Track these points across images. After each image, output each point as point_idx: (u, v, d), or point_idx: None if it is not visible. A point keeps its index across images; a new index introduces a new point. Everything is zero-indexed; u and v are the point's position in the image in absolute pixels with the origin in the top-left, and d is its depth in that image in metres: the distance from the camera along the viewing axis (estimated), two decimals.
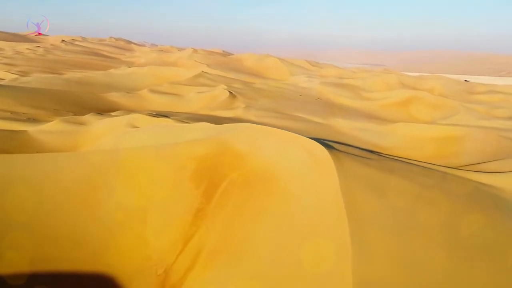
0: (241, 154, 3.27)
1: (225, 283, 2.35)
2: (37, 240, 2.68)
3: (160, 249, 2.73)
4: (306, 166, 2.96)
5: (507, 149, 6.35)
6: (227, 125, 4.07)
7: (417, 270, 2.05)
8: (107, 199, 3.01)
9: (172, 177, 3.19)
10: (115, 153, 3.40)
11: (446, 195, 3.33)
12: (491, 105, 12.60)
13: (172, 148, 3.50)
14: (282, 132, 3.46)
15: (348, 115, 9.30)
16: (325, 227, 2.35)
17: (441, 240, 2.46)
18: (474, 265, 2.32)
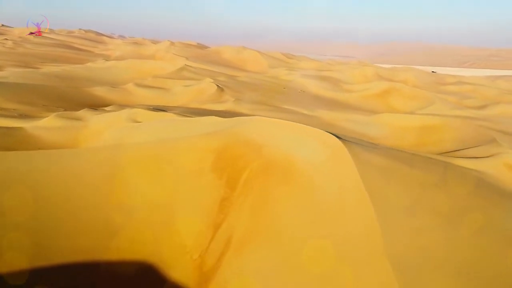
0: (258, 145, 3.46)
1: (261, 265, 2.56)
2: (71, 233, 2.77)
3: (191, 237, 2.90)
4: (322, 155, 3.20)
5: (482, 137, 6.87)
6: (237, 119, 4.25)
7: (435, 246, 2.35)
8: (135, 193, 3.13)
9: (193, 169, 3.35)
10: (138, 147, 3.51)
11: (444, 179, 3.68)
12: (461, 96, 13.37)
13: (190, 141, 3.64)
14: (295, 124, 3.68)
15: (333, 107, 9.66)
16: (351, 209, 2.60)
17: (448, 218, 2.78)
18: (476, 234, 2.65)
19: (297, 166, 3.15)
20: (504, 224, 2.97)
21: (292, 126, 3.66)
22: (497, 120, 9.60)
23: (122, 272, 2.60)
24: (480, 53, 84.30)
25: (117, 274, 2.61)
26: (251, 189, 3.11)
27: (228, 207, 3.05)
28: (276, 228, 2.73)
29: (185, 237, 2.90)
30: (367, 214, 2.49)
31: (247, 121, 3.93)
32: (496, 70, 46.20)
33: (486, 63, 59.58)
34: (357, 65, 19.13)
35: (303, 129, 3.59)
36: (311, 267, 2.39)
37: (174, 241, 2.87)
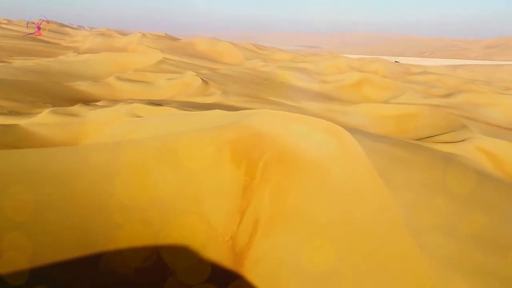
0: (269, 137, 3.75)
1: (288, 244, 2.88)
2: (108, 219, 2.96)
3: (220, 222, 3.16)
4: (331, 144, 3.55)
5: (453, 123, 7.53)
6: (242, 112, 4.50)
7: (442, 217, 2.76)
8: (163, 182, 3.34)
9: (212, 160, 3.59)
10: (160, 141, 3.70)
11: (432, 161, 4.16)
12: (428, 85, 14.24)
13: (205, 134, 3.87)
14: (301, 116, 4.00)
15: (313, 98, 10.07)
16: (365, 190, 2.97)
17: (444, 192, 3.22)
18: (472, 206, 3.11)
19: (309, 154, 3.48)
20: (487, 196, 3.47)
21: (299, 118, 3.98)
22: (462, 107, 10.41)
23: (163, 255, 2.83)
24: (437, 43, 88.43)
25: (156, 256, 2.83)
26: (269, 177, 3.40)
27: (250, 193, 3.33)
28: (299, 211, 3.06)
29: (215, 222, 3.16)
30: (381, 193, 2.87)
31: (254, 114, 4.20)
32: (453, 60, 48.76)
33: (444, 53, 62.76)
34: (329, 56, 19.71)
35: (309, 120, 3.92)
36: (335, 243, 2.74)
37: (205, 226, 3.12)
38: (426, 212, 2.80)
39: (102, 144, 3.85)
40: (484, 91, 13.41)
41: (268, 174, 3.42)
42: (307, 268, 2.63)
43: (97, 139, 5.08)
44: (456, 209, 2.92)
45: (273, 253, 2.86)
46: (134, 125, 5.02)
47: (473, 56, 56.62)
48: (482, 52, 60.59)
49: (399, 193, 2.93)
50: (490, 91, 13.58)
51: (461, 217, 2.80)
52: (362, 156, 3.29)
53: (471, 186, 3.55)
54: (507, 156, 5.69)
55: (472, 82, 15.68)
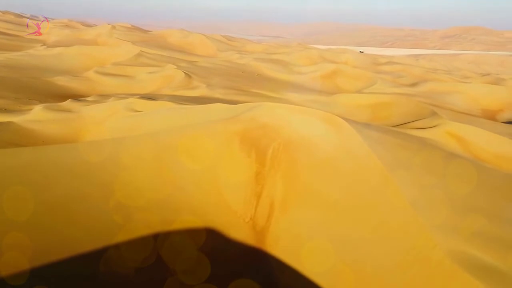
0: (274, 127, 4.10)
1: (303, 221, 3.27)
2: (130, 206, 3.21)
3: (239, 206, 3.49)
4: (331, 131, 3.95)
5: (424, 111, 8.21)
6: (243, 105, 4.80)
7: (432, 190, 3.25)
8: (181, 172, 3.61)
9: (224, 150, 3.89)
10: (173, 134, 3.95)
11: (414, 144, 4.70)
12: (394, 75, 15.07)
13: (213, 126, 4.15)
14: (300, 108, 4.37)
15: (292, 89, 10.50)
16: (367, 169, 3.40)
17: (430, 170, 3.73)
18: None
19: (312, 142, 3.87)
20: (465, 173, 4.03)
21: (298, 110, 4.35)
22: (428, 95, 11.23)
23: (192, 235, 3.13)
24: (397, 33, 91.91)
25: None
26: (278, 164, 3.76)
27: (263, 179, 3.67)
28: (309, 192, 3.45)
29: (234, 206, 3.48)
30: (380, 172, 3.32)
31: (256, 107, 4.53)
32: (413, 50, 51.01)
33: (404, 43, 65.48)
34: (300, 47, 20.22)
35: (308, 111, 4.30)
36: (345, 216, 3.16)
37: (225, 210, 3.44)
38: (419, 186, 3.28)
39: (117, 139, 4.04)
40: (445, 79, 14.41)
41: (277, 161, 3.78)
42: (322, 239, 3.03)
43: (99, 134, 5.21)
44: (443, 183, 3.43)
45: (291, 229, 3.23)
46: (135, 120, 5.20)
47: (431, 45, 59.57)
48: (439, 42, 63.88)
49: (394, 171, 3.40)
50: (450, 79, 14.61)
51: (448, 190, 3.31)
52: (360, 141, 3.72)
53: (451, 165, 4.11)
54: (472, 139, 6.37)
55: (434, 72, 16.75)
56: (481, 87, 12.43)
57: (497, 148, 6.17)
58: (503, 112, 11.28)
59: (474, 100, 11.69)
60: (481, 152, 6.05)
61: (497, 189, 3.72)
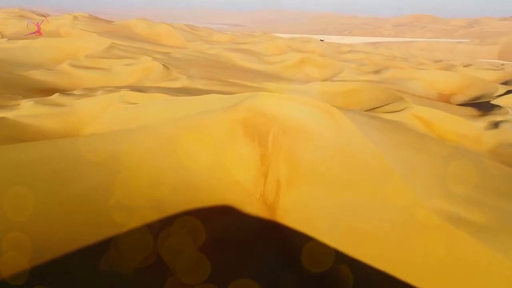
0: (272, 115, 4.55)
1: (309, 195, 3.77)
2: (148, 187, 3.55)
3: (249, 184, 3.92)
4: (324, 118, 4.46)
5: (391, 96, 8.99)
6: (238, 95, 5.18)
7: (414, 163, 3.87)
8: (192, 158, 3.98)
9: (229, 137, 4.28)
10: (180, 123, 4.28)
11: (391, 125, 5.35)
12: (358, 63, 15.95)
13: (216, 115, 4.53)
14: (294, 97, 4.84)
15: (268, 78, 10.95)
16: (358, 148, 3.95)
17: (409, 147, 4.37)
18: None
19: (308, 127, 4.37)
20: (433, 149, 4.72)
21: (291, 98, 4.83)
22: (391, 82, 12.13)
23: (207, 213, 3.54)
24: (353, 21, 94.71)
25: (206, 216, 3.50)
26: (279, 147, 4.22)
27: (268, 160, 4.12)
28: (310, 170, 3.95)
29: (245, 185, 3.91)
30: (371, 150, 3.88)
31: (252, 97, 4.94)
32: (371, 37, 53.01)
33: (361, 31, 67.79)
34: (267, 37, 20.65)
35: (301, 100, 4.79)
36: (345, 188, 3.69)
37: (238, 189, 3.85)
38: (403, 160, 3.89)
39: (129, 129, 4.31)
40: (403, 66, 15.47)
41: (278, 144, 4.24)
42: (327, 207, 3.55)
43: (99, 127, 5.41)
44: (421, 157, 4.07)
45: (298, 202, 3.72)
46: (134, 112, 5.44)
47: (386, 33, 62.19)
48: (393, 30, 66.88)
49: (381, 148, 3.98)
50: (408, 66, 15.70)
51: (426, 163, 3.95)
52: (350, 124, 4.27)
53: (425, 143, 4.78)
54: (435, 121, 7.19)
55: (392, 59, 17.85)
56: (436, 73, 13.54)
57: (456, 128, 7.02)
58: (456, 95, 12.43)
59: (431, 86, 12.76)
60: (443, 132, 6.86)
61: (465, 162, 4.43)
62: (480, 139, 6.78)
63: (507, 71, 18.59)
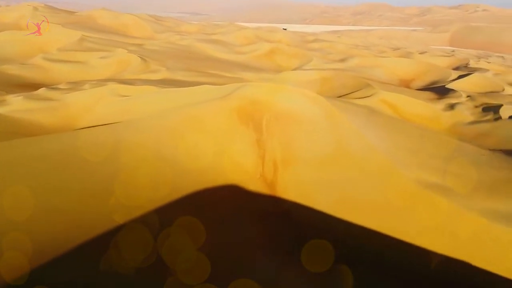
0: (263, 103, 4.99)
1: (304, 171, 4.29)
2: (157, 170, 3.93)
3: (249, 167, 4.37)
4: (312, 105, 4.98)
5: (359, 83, 9.70)
6: (229, 86, 5.56)
7: (392, 141, 4.49)
8: (196, 145, 4.36)
9: (227, 124, 4.69)
10: (182, 112, 4.63)
11: (364, 109, 5.98)
12: (324, 52, 16.66)
13: (212, 104, 4.90)
14: (283, 86, 5.30)
15: (242, 68, 11.34)
16: (343, 129, 4.51)
17: (384, 128, 4.99)
18: (406, 136, 4.94)
19: (298, 113, 4.87)
20: (404, 127, 5.40)
21: (280, 88, 5.29)
22: (356, 70, 12.90)
23: (215, 191, 3.97)
24: (313, 10, 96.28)
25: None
26: (273, 132, 4.69)
27: (263, 144, 4.58)
28: (303, 152, 4.46)
29: (246, 167, 4.36)
30: (354, 131, 4.46)
31: (242, 87, 5.35)
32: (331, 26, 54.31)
33: (321, 20, 69.21)
34: (234, 27, 20.85)
35: (286, 89, 5.27)
36: (336, 166, 4.25)
37: (239, 171, 4.29)
38: (380, 138, 4.50)
39: (131, 121, 4.60)
40: (366, 55, 16.37)
41: (271, 130, 4.72)
42: (322, 182, 4.09)
43: (93, 120, 5.62)
44: (395, 136, 4.71)
45: (295, 179, 4.23)
46: (127, 104, 5.69)
47: (345, 22, 63.93)
48: (352, 18, 68.86)
49: (362, 129, 4.58)
50: (371, 54, 16.62)
51: (400, 140, 4.59)
52: (333, 109, 4.83)
53: (395, 124, 5.44)
54: (400, 105, 7.95)
55: (355, 47, 18.75)
56: (396, 61, 14.50)
57: (419, 110, 7.82)
58: (415, 81, 13.44)
59: (392, 72, 13.69)
60: (408, 114, 7.63)
61: (430, 139, 5.14)
62: (439, 120, 7.63)
63: (458, 57, 20.10)
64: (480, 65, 16.98)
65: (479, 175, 4.10)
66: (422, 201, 3.48)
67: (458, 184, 3.80)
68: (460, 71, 14.59)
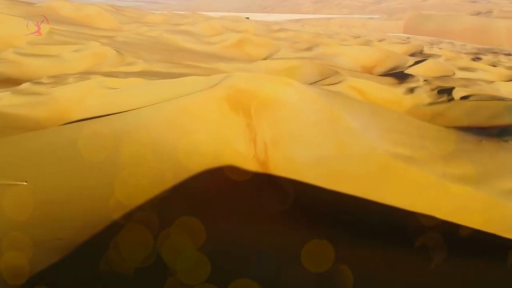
0: (249, 91, 5.47)
1: (292, 149, 4.85)
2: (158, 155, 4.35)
3: (243, 148, 4.86)
4: (292, 90, 5.52)
5: (327, 70, 10.40)
6: (214, 76, 5.97)
7: (360, 119, 5.15)
8: (194, 131, 4.79)
9: (219, 112, 5.14)
10: (178, 102, 5.02)
11: (337, 94, 6.63)
12: (290, 41, 17.26)
13: (203, 94, 5.32)
14: (262, 75, 5.80)
15: (215, 58, 11.68)
16: (323, 112, 5.11)
17: (355, 110, 5.66)
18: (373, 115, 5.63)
19: (282, 99, 5.40)
20: (374, 109, 6.10)
21: (263, 77, 5.80)
22: (322, 58, 13.62)
23: (213, 175, 4.45)
24: None
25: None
26: (261, 117, 5.20)
27: (254, 128, 5.08)
28: (291, 134, 5.02)
29: (239, 149, 4.85)
30: (333, 112, 5.07)
31: (228, 77, 5.79)
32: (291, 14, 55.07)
33: (282, 8, 69.90)
34: (200, 17, 20.91)
35: (268, 78, 5.79)
36: (320, 144, 4.84)
37: (234, 153, 4.78)
38: (357, 119, 5.15)
39: (130, 112, 4.94)
40: (330, 43, 17.16)
41: (260, 115, 5.22)
42: (309, 159, 4.67)
43: (86, 112, 5.86)
44: (367, 117, 5.39)
45: (285, 158, 4.78)
46: (118, 96, 5.97)
47: (305, 10, 65.05)
48: (312, 7, 70.14)
49: (339, 111, 5.21)
50: (334, 43, 17.43)
51: (371, 120, 5.27)
52: (312, 94, 5.41)
53: (365, 107, 6.13)
54: (367, 90, 8.71)
55: (319, 36, 19.52)
56: (358, 48, 15.39)
57: (383, 94, 8.62)
58: (376, 67, 14.38)
59: (355, 60, 14.55)
60: (374, 98, 8.41)
61: (396, 120, 5.87)
62: (401, 102, 8.47)
63: (413, 44, 21.46)
64: (433, 51, 18.32)
65: (439, 148, 4.86)
66: (396, 170, 4.16)
67: (423, 155, 4.52)
68: (416, 57, 15.75)
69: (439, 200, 3.91)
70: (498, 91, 10.05)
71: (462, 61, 15.37)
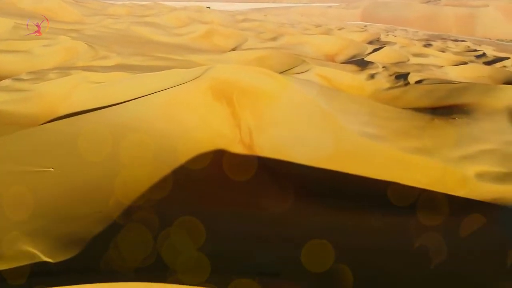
0: (231, 81, 5.97)
1: (275, 133, 5.43)
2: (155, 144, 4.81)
3: (229, 133, 5.38)
4: (274, 82, 6.08)
5: (295, 60, 11.03)
6: (198, 68, 6.39)
7: (331, 103, 5.83)
8: (184, 120, 5.24)
9: (204, 102, 5.60)
10: (167, 94, 5.44)
11: (308, 81, 7.28)
12: (255, 31, 17.74)
13: (188, 86, 5.75)
14: (242, 67, 6.30)
15: (186, 50, 11.97)
16: (300, 99, 5.72)
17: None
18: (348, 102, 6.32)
19: (261, 88, 5.95)
20: (340, 96, 6.81)
21: (242, 68, 6.31)
22: (288, 47, 14.26)
23: (209, 158, 4.96)
24: None
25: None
26: (243, 105, 5.72)
27: (238, 115, 5.60)
28: (272, 119, 5.59)
29: (226, 134, 5.36)
30: (310, 99, 5.70)
31: (210, 68, 6.24)
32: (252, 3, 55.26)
33: None
34: (165, 9, 20.79)
35: (248, 69, 6.31)
36: (299, 127, 5.46)
37: (222, 138, 5.28)
38: (330, 105, 5.82)
39: (119, 106, 5.30)
40: (294, 33, 17.83)
41: (242, 103, 5.75)
42: (290, 141, 5.28)
43: (75, 106, 6.12)
44: (339, 102, 6.08)
45: (268, 141, 5.36)
46: (105, 90, 6.26)
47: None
48: None
49: (315, 97, 5.85)
50: (297, 32, 18.12)
51: (342, 105, 5.96)
52: (289, 83, 6.01)
53: (333, 93, 6.83)
54: (332, 77, 9.44)
55: (282, 26, 20.14)
56: (321, 38, 16.16)
57: (347, 81, 9.39)
58: (338, 55, 15.23)
59: (318, 49, 15.32)
60: (339, 85, 9.16)
61: (362, 104, 6.61)
62: (363, 88, 9.29)
63: (370, 32, 22.65)
64: (388, 38, 19.51)
65: (399, 126, 5.64)
66: (365, 147, 4.87)
67: (387, 133, 5.27)
68: (374, 45, 16.77)
69: (401, 169, 4.67)
70: (446, 74, 11.18)
71: (415, 48, 16.58)
